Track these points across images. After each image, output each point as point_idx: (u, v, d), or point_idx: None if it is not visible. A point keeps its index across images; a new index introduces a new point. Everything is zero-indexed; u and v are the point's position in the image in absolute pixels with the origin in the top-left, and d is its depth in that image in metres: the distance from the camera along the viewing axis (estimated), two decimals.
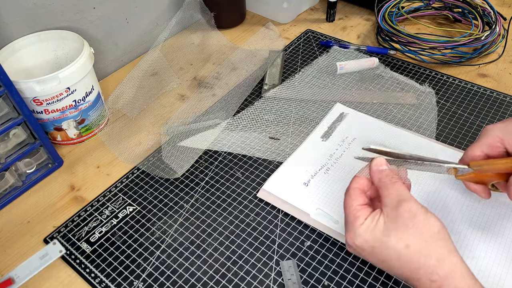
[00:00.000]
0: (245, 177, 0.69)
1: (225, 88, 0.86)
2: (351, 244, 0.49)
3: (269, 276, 0.57)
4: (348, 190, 0.53)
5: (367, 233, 0.48)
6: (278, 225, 0.62)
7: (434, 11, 1.00)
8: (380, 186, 0.51)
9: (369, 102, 0.80)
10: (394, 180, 0.50)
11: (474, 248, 0.56)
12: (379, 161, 0.53)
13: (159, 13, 0.98)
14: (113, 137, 0.77)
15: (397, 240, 0.46)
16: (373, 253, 0.48)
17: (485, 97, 0.80)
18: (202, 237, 0.61)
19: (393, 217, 0.47)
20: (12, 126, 0.63)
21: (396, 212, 0.47)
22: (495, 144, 0.55)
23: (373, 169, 0.52)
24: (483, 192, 0.57)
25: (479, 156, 0.56)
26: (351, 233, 0.49)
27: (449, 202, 0.62)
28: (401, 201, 0.48)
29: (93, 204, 0.67)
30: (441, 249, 0.45)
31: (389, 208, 0.48)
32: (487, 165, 0.54)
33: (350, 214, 0.50)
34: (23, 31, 0.74)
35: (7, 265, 0.61)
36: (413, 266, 0.45)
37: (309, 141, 0.73)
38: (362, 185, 0.53)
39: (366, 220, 0.49)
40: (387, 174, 0.51)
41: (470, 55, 0.87)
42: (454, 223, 0.59)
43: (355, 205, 0.50)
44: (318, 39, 0.98)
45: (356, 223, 0.49)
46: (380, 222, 0.48)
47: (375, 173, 0.52)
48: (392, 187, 0.50)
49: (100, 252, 0.60)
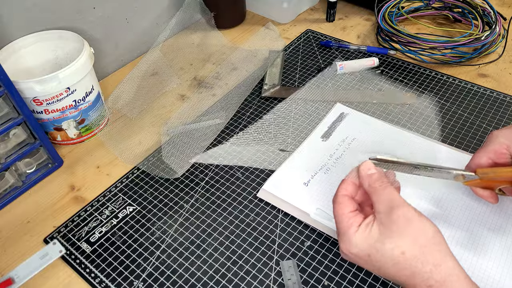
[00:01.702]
0: (245, 177, 0.69)
1: (225, 88, 0.86)
2: (346, 253, 0.48)
3: (269, 276, 0.56)
4: (337, 197, 0.51)
5: (362, 242, 0.47)
6: (278, 225, 0.62)
7: (434, 11, 1.00)
8: (370, 191, 0.50)
9: (369, 102, 0.80)
10: (384, 184, 0.49)
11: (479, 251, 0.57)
12: (367, 165, 0.52)
13: (159, 13, 0.98)
14: (113, 137, 0.77)
15: (392, 247, 0.45)
16: (369, 261, 0.47)
17: (485, 97, 0.80)
18: (202, 237, 0.61)
19: (387, 224, 0.46)
20: (12, 126, 0.63)
21: (389, 218, 0.46)
22: (502, 151, 0.55)
23: (362, 174, 0.51)
24: (491, 197, 0.57)
25: (485, 163, 0.56)
26: (345, 242, 0.48)
27: (457, 205, 0.62)
28: (393, 207, 0.47)
29: (93, 204, 0.67)
30: (437, 253, 0.45)
31: (382, 214, 0.47)
32: (493, 172, 0.54)
33: (343, 222, 0.49)
34: (23, 31, 0.74)
35: (7, 265, 0.61)
36: (409, 273, 0.45)
37: (309, 141, 0.73)
38: (349, 191, 0.52)
39: (359, 227, 0.48)
40: (377, 178, 0.50)
41: (470, 55, 0.87)
42: (460, 225, 0.59)
43: (346, 213, 0.49)
44: (318, 39, 0.98)
45: (350, 232, 0.48)
46: (374, 229, 0.47)
47: (364, 178, 0.51)
48: (384, 193, 0.49)
49: (100, 252, 0.60)
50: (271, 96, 0.83)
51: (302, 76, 0.88)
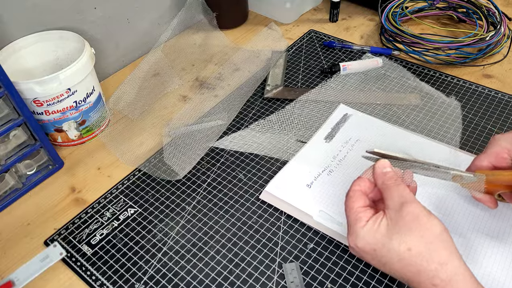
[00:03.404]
0: (248, 179, 0.68)
1: (227, 89, 0.86)
2: (352, 246, 0.49)
3: (272, 279, 0.56)
4: (349, 192, 0.52)
5: (369, 235, 0.48)
6: (281, 227, 0.62)
7: (438, 11, 0.99)
8: (383, 188, 0.51)
9: (372, 103, 0.79)
10: (397, 182, 0.50)
11: (478, 254, 0.56)
12: (382, 163, 0.52)
13: (160, 13, 0.98)
14: (114, 139, 0.76)
15: (399, 243, 0.46)
16: (375, 256, 0.47)
17: (490, 98, 0.79)
18: (204, 239, 0.61)
19: (396, 220, 0.47)
20: (12, 127, 0.63)
21: (398, 214, 0.47)
22: (502, 155, 0.55)
23: (377, 171, 0.52)
24: (490, 202, 0.56)
25: (486, 166, 0.56)
26: (352, 235, 0.49)
27: (457, 206, 0.61)
28: (404, 204, 0.47)
29: (94, 206, 0.66)
30: (443, 252, 0.45)
31: (392, 210, 0.48)
32: (492, 175, 0.54)
33: (351, 216, 0.50)
34: (23, 32, 0.74)
35: (7, 268, 0.60)
36: (415, 269, 0.45)
37: (312, 142, 0.72)
38: (363, 187, 0.53)
39: (368, 222, 0.48)
40: (391, 176, 0.51)
41: (475, 56, 0.86)
42: (460, 227, 0.59)
43: (356, 207, 0.50)
44: (321, 40, 0.97)
45: (358, 225, 0.49)
46: (383, 224, 0.47)
47: (379, 175, 0.52)
48: (395, 189, 0.49)
49: (101, 255, 0.60)
50: (273, 97, 0.82)
51: (305, 77, 0.87)
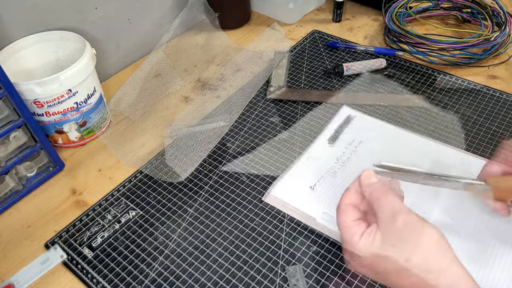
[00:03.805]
0: (250, 181, 0.68)
1: (229, 90, 0.85)
2: (349, 260, 0.48)
3: (275, 282, 0.55)
4: (340, 206, 0.51)
5: (365, 250, 0.46)
6: (284, 229, 0.61)
7: (443, 11, 0.99)
8: (371, 200, 0.49)
9: (376, 104, 0.78)
10: (385, 192, 0.48)
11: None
12: (367, 174, 0.51)
13: (162, 14, 0.97)
14: (115, 140, 0.76)
15: (396, 255, 0.44)
16: (373, 269, 0.46)
17: (495, 99, 0.78)
18: (206, 242, 0.60)
19: (389, 231, 0.46)
20: (12, 129, 0.63)
21: (392, 226, 0.46)
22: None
23: (363, 184, 0.50)
24: (502, 209, 0.55)
25: (497, 172, 0.55)
26: (348, 250, 0.48)
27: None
28: (395, 214, 0.46)
29: (95, 208, 0.66)
30: (442, 259, 0.44)
31: (384, 222, 0.46)
32: (504, 181, 0.53)
33: (345, 231, 0.49)
34: (23, 32, 0.74)
35: (8, 271, 0.60)
36: (415, 280, 0.44)
37: (316, 145, 0.71)
38: (353, 200, 0.51)
39: (362, 236, 0.47)
40: (377, 187, 0.49)
41: (480, 56, 0.85)
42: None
43: (349, 221, 0.49)
44: (324, 40, 0.96)
45: (353, 240, 0.47)
46: (377, 237, 0.46)
47: (365, 187, 0.50)
48: (385, 200, 0.48)
49: (102, 257, 0.60)
50: (276, 98, 0.82)
51: (308, 77, 0.87)
